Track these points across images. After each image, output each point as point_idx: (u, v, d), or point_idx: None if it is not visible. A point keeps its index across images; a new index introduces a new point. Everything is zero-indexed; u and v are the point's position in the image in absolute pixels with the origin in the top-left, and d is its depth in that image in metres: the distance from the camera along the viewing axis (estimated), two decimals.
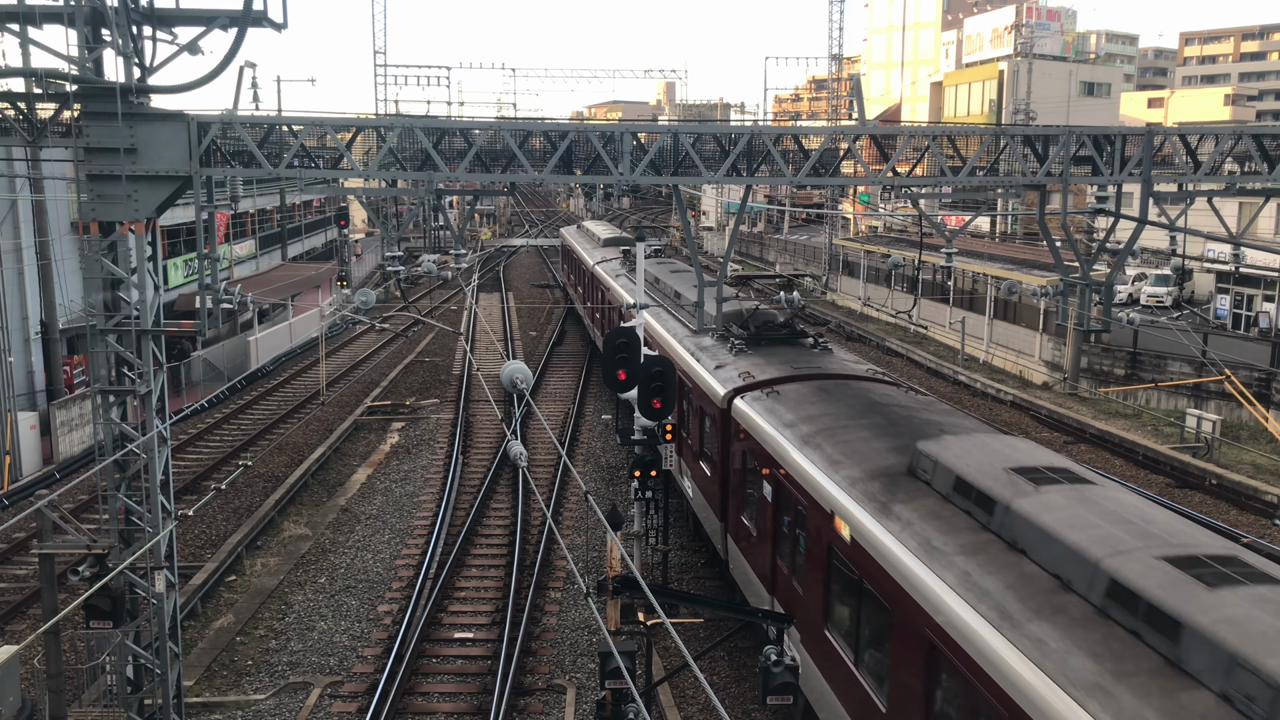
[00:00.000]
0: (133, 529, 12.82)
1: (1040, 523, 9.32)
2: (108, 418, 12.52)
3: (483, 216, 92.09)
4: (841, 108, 70.04)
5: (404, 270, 14.40)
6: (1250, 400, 29.75)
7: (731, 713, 15.14)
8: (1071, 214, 21.87)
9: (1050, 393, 35.80)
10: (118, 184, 11.80)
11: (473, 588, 19.85)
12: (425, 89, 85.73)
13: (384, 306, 52.03)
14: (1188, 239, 34.03)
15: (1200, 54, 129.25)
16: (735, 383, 17.35)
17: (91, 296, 12.28)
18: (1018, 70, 69.27)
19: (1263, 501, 24.49)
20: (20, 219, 27.38)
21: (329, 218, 63.25)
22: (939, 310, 44.95)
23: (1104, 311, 16.64)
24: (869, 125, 18.35)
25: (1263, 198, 21.25)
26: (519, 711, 15.60)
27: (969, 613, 8.95)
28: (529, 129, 14.35)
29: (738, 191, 45.53)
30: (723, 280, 16.70)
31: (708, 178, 13.96)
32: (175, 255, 38.36)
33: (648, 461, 17.61)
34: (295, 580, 20.35)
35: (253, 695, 15.99)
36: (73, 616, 15.03)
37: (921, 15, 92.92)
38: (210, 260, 12.96)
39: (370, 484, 26.04)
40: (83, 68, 11.35)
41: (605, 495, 24.96)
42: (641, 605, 13.63)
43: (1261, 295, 39.29)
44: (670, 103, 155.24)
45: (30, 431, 26.28)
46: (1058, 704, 7.55)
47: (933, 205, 41.90)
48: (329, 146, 13.73)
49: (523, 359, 36.54)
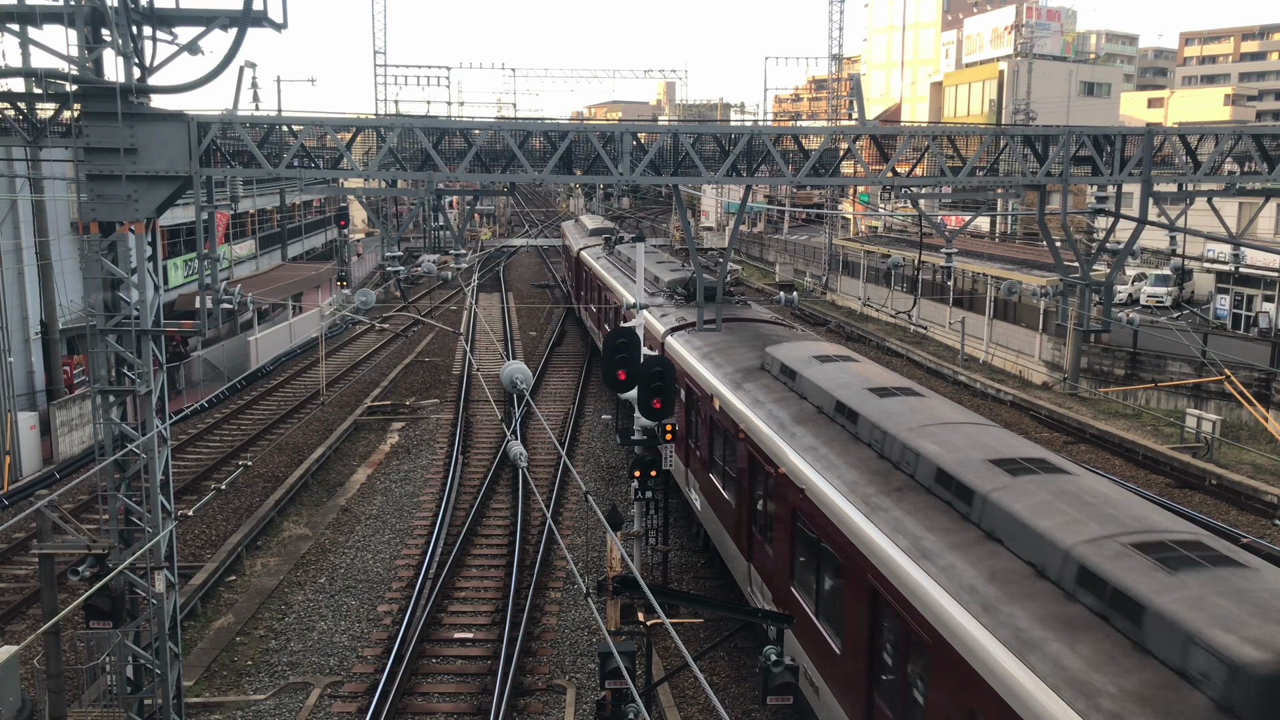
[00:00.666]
0: (133, 529, 12.82)
1: (810, 376, 15.58)
2: (108, 418, 12.52)
3: (483, 216, 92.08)
4: (841, 108, 70.01)
5: (404, 270, 14.40)
6: (1250, 400, 29.75)
7: (731, 713, 15.14)
8: (1071, 214, 21.88)
9: (1050, 393, 35.81)
10: (118, 184, 11.80)
11: (473, 588, 19.85)
12: (425, 89, 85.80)
13: (384, 306, 52.05)
14: (1188, 239, 34.08)
15: (1200, 54, 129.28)
16: (670, 324, 23.25)
17: (91, 296, 12.28)
18: (1018, 70, 69.29)
19: (1263, 501, 24.49)
20: (20, 219, 27.39)
21: (329, 218, 63.25)
22: (939, 310, 44.95)
23: (1104, 311, 16.65)
24: (869, 125, 18.36)
25: (1263, 198, 21.26)
26: (519, 712, 15.60)
27: (764, 422, 15.35)
28: (529, 129, 14.36)
29: (737, 191, 45.54)
30: (723, 281, 16.86)
31: (708, 178, 13.97)
32: (175, 255, 38.37)
33: (647, 461, 17.62)
34: (295, 580, 20.35)
35: (253, 695, 15.99)
36: (73, 616, 15.03)
37: (921, 15, 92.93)
38: (210, 260, 12.96)
39: (370, 484, 26.04)
40: (83, 68, 11.35)
41: (605, 495, 24.96)
42: (641, 605, 13.63)
43: (1261, 295, 39.30)
44: (670, 103, 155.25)
45: (30, 431, 26.29)
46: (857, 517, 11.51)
47: (933, 205, 41.92)
48: (329, 146, 13.74)
49: (523, 359, 36.55)
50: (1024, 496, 9.74)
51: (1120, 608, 7.81)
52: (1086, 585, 8.23)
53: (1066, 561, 8.53)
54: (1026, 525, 9.23)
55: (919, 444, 11.72)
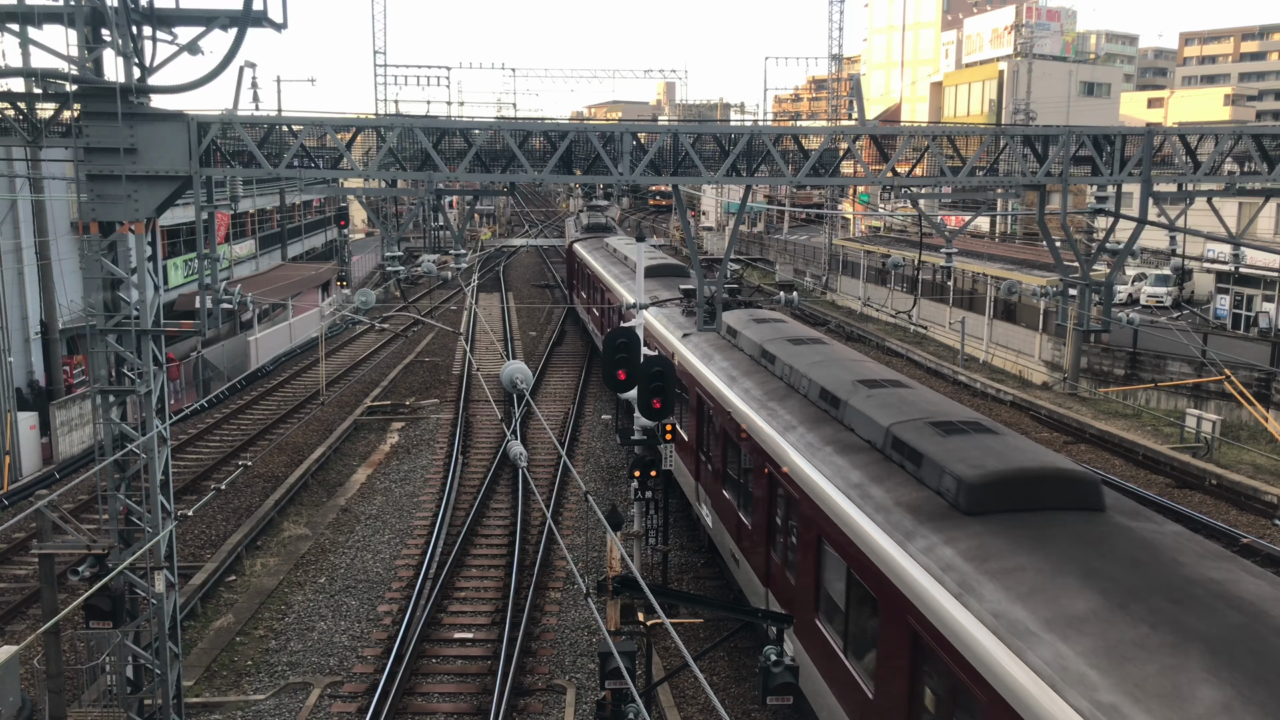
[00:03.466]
0: (133, 529, 12.82)
1: (749, 334, 19.04)
2: (108, 418, 12.52)
3: (483, 216, 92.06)
4: (841, 108, 70.02)
5: (404, 270, 14.40)
6: (1250, 400, 29.75)
7: (731, 713, 15.14)
8: (1071, 214, 21.88)
9: (1050, 393, 35.81)
10: (118, 184, 11.80)
11: (472, 588, 19.85)
12: (425, 89, 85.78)
13: (384, 306, 52.04)
14: (1187, 239, 34.08)
15: (1200, 54, 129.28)
16: (643, 300, 25.39)
17: (91, 296, 12.28)
18: (1018, 70, 69.26)
19: (1262, 501, 24.49)
20: (20, 219, 27.37)
21: (329, 218, 63.23)
22: (939, 310, 44.95)
23: (1104, 311, 16.64)
24: (869, 125, 18.37)
25: (1262, 198, 21.26)
26: (519, 712, 15.60)
27: (710, 372, 18.79)
28: (529, 129, 14.35)
29: (737, 192, 45.54)
30: (723, 280, 16.80)
31: (707, 178, 13.96)
32: (175, 255, 38.36)
33: (647, 461, 17.62)
34: (295, 580, 20.35)
35: (253, 695, 15.99)
36: (73, 616, 15.02)
37: (921, 15, 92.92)
38: (210, 260, 12.96)
39: (370, 484, 26.04)
40: (83, 68, 11.35)
41: (605, 495, 24.96)
42: (641, 605, 13.63)
43: (1261, 295, 39.30)
44: (670, 103, 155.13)
45: (30, 431, 26.28)
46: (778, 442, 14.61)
47: (933, 205, 41.88)
48: (329, 146, 13.73)
49: (522, 359, 36.55)
50: (871, 401, 13.56)
51: (911, 458, 11.66)
52: (895, 448, 12.14)
53: (886, 435, 12.45)
54: (865, 415, 13.17)
55: (810, 371, 15.83)
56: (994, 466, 10.55)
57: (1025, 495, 10.23)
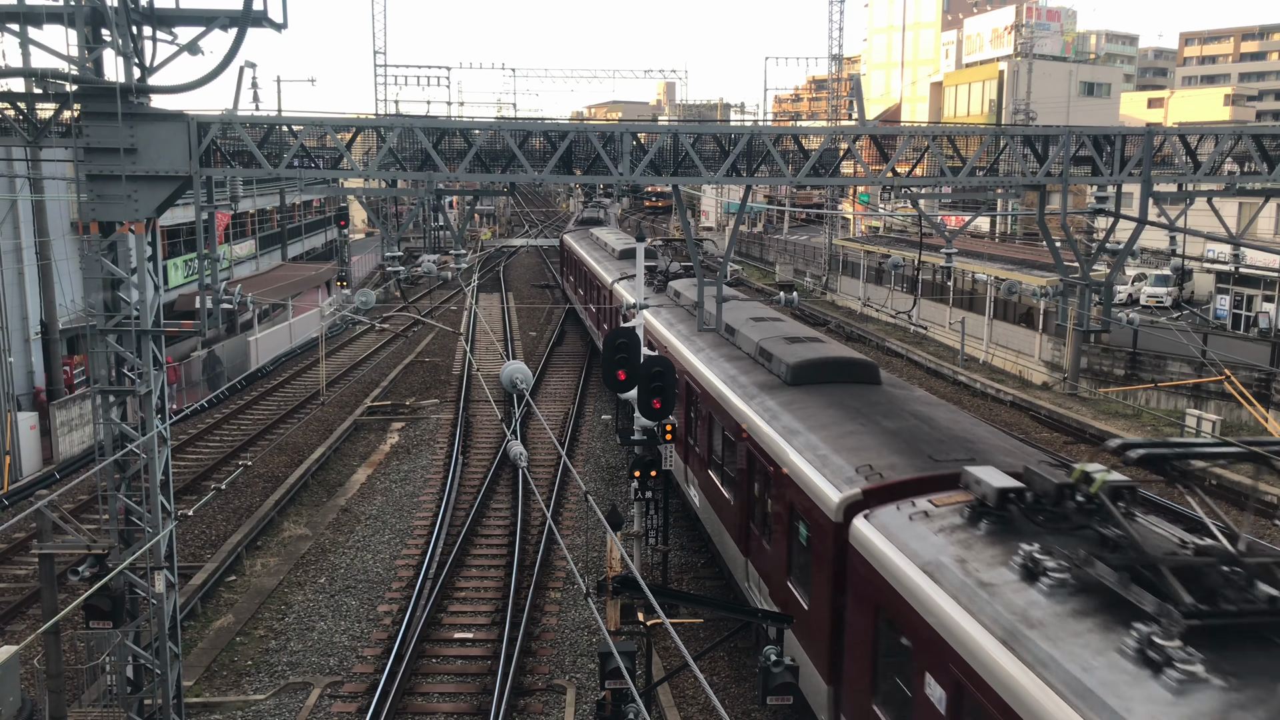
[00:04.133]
0: (133, 529, 12.82)
1: (687, 294, 23.08)
2: (108, 418, 12.52)
3: (483, 217, 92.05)
4: (841, 108, 69.98)
5: (404, 270, 14.41)
6: (1250, 400, 29.75)
7: (731, 713, 15.14)
8: (1071, 214, 21.88)
9: (1050, 393, 35.81)
10: (118, 184, 11.80)
11: (472, 588, 19.86)
12: (425, 89, 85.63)
13: (384, 307, 52.04)
14: (1188, 239, 34.05)
15: (1200, 54, 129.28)
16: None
17: (91, 296, 12.29)
18: (1018, 70, 69.25)
19: (1262, 502, 24.50)
20: (20, 219, 27.38)
21: (329, 218, 63.23)
22: (939, 310, 44.95)
23: (1104, 312, 16.64)
24: (869, 125, 18.38)
25: (1262, 198, 21.27)
26: (519, 711, 15.60)
27: (673, 336, 22.65)
28: (529, 129, 14.36)
29: (737, 192, 45.54)
30: (722, 281, 16.83)
31: (707, 178, 13.97)
32: (175, 255, 38.37)
33: (647, 461, 17.62)
34: (295, 580, 20.36)
35: (253, 695, 15.99)
36: (73, 616, 15.02)
37: (921, 15, 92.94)
38: (210, 260, 12.97)
39: (370, 484, 26.05)
40: (83, 68, 11.35)
41: (605, 495, 24.96)
42: (641, 605, 13.63)
43: (1261, 295, 39.29)
44: (670, 103, 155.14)
45: (30, 431, 26.28)
46: (709, 376, 19.06)
47: (933, 205, 41.88)
48: (329, 146, 13.74)
49: (522, 359, 36.53)
50: (754, 328, 19.46)
51: (766, 358, 17.67)
52: (760, 355, 18.06)
53: (756, 347, 18.31)
54: (748, 337, 18.91)
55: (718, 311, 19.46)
56: (808, 355, 16.88)
57: (827, 373, 16.52)
